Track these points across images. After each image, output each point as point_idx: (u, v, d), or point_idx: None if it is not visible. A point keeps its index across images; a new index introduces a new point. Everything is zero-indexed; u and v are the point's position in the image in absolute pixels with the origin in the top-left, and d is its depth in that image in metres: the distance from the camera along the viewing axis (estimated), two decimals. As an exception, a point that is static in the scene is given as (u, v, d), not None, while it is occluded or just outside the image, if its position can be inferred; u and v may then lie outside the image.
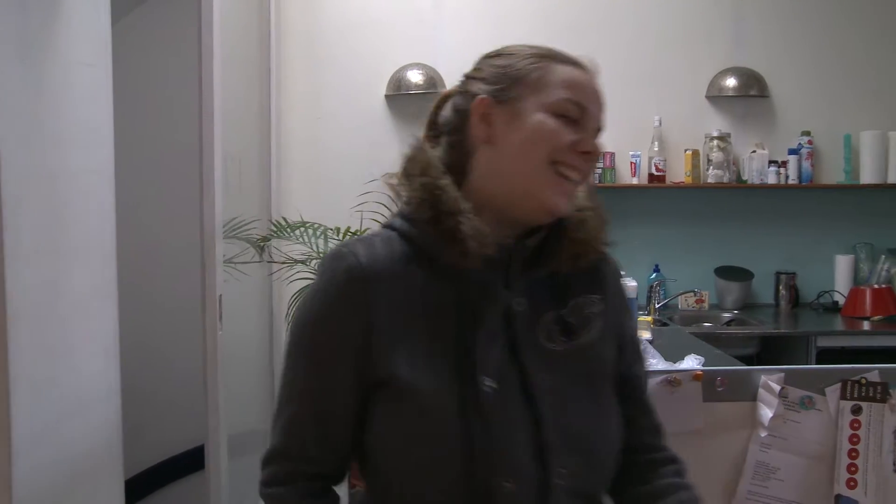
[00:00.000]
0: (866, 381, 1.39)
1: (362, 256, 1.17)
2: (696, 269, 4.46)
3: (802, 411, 1.39)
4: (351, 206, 3.73)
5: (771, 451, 1.39)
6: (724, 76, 4.43)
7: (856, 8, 4.50)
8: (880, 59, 4.51)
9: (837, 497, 1.41)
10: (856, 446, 1.40)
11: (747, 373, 1.39)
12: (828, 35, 4.50)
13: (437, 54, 4.38)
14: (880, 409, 1.40)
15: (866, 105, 4.51)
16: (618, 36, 4.45)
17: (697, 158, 4.38)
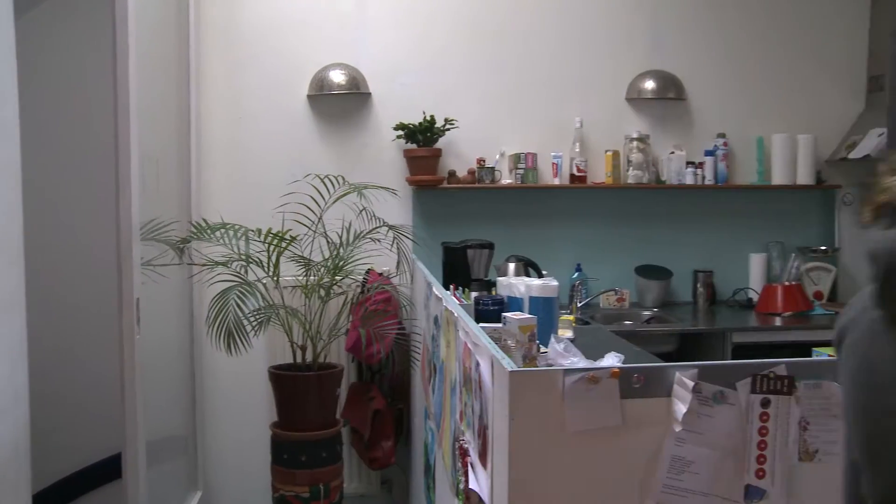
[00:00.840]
0: (774, 374, 1.44)
1: None
2: (616, 268, 4.54)
3: (715, 406, 1.43)
4: (273, 208, 3.69)
5: (685, 445, 1.42)
6: (642, 79, 4.52)
7: (768, 16, 4.65)
8: (790, 66, 4.66)
9: (747, 487, 1.45)
10: (764, 438, 1.44)
11: (662, 369, 1.42)
12: (742, 41, 4.64)
13: (360, 55, 4.37)
14: (787, 401, 1.45)
15: (777, 109, 4.66)
16: (540, 39, 4.50)
17: (618, 159, 4.46)
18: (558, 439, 1.39)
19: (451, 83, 4.45)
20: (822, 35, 4.67)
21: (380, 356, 3.73)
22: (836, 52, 4.68)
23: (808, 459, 1.48)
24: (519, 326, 2.13)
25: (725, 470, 1.45)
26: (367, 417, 4.00)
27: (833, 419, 1.48)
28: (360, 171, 4.24)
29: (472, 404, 1.79)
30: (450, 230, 4.23)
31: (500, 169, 4.42)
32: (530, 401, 1.37)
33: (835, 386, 1.48)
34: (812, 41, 4.67)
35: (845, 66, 4.69)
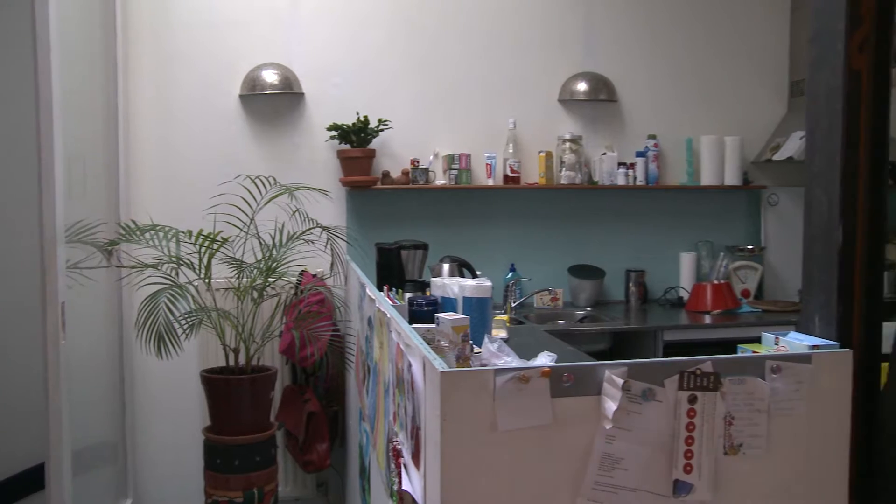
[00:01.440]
0: (700, 371, 1.46)
1: None
2: (550, 268, 4.58)
3: (644, 403, 1.45)
4: (204, 209, 3.64)
5: (615, 443, 1.44)
6: (575, 81, 4.57)
7: (697, 22, 4.75)
8: (718, 70, 4.77)
9: (675, 481, 1.48)
10: (691, 433, 1.47)
11: (592, 368, 1.44)
12: (672, 45, 4.73)
13: (293, 54, 4.33)
14: (713, 397, 1.48)
15: (705, 111, 4.76)
16: (475, 40, 4.52)
17: (551, 160, 4.50)
18: (490, 439, 1.39)
19: (385, 84, 4.44)
20: (748, 40, 4.79)
21: (314, 358, 3.69)
22: (761, 57, 4.81)
23: (732, 453, 1.51)
24: (452, 327, 2.13)
25: (654, 465, 1.47)
26: (302, 420, 3.96)
27: (757, 413, 1.51)
28: (294, 172, 4.20)
29: (405, 405, 1.79)
30: (384, 231, 4.21)
31: (433, 170, 4.43)
32: (462, 401, 1.38)
33: (758, 381, 1.51)
34: (738, 46, 4.78)
35: (769, 71, 4.82)
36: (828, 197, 1.64)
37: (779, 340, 1.68)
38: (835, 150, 1.61)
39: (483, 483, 1.41)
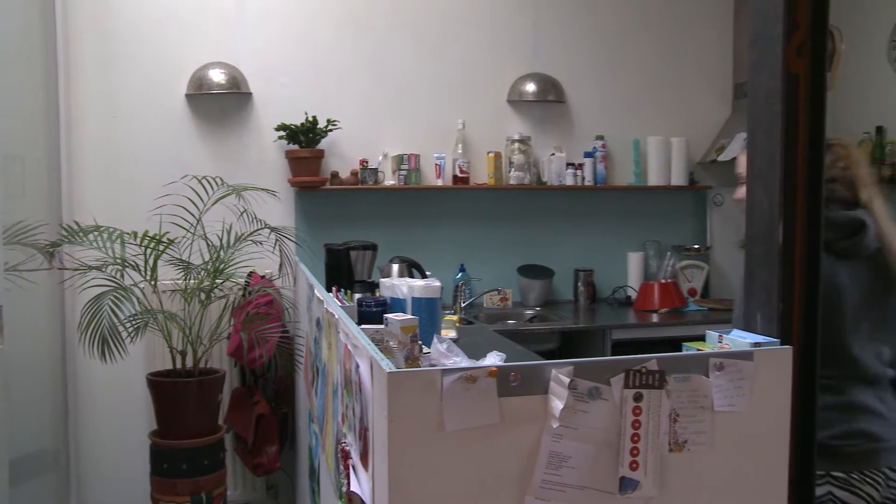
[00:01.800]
0: (646, 369, 1.48)
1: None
2: (499, 268, 4.61)
3: (591, 401, 1.46)
4: (150, 210, 3.58)
5: (563, 441, 1.44)
6: (523, 81, 4.60)
7: (644, 25, 4.82)
8: (664, 72, 4.84)
9: (622, 479, 1.49)
10: (637, 431, 1.49)
11: (539, 367, 1.44)
12: (619, 47, 4.79)
13: (241, 54, 4.29)
14: (658, 395, 1.49)
15: (652, 113, 4.83)
16: (424, 40, 4.52)
17: (500, 160, 4.52)
18: (438, 439, 1.39)
19: (333, 84, 4.42)
20: (693, 44, 4.87)
21: (262, 360, 3.66)
22: (706, 59, 4.89)
23: (677, 450, 1.53)
24: (401, 327, 2.13)
25: (601, 463, 1.48)
26: (251, 423, 3.92)
27: (701, 410, 1.54)
28: (241, 172, 4.16)
29: (353, 406, 1.78)
30: (333, 232, 4.19)
31: (383, 170, 4.42)
32: (409, 401, 1.37)
33: (703, 378, 1.53)
34: (684, 49, 4.86)
35: (713, 74, 4.91)
36: (768, 197, 1.67)
37: (722, 338, 1.70)
38: (774, 152, 1.64)
39: (431, 483, 1.41)
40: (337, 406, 2.12)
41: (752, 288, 1.75)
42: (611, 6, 4.77)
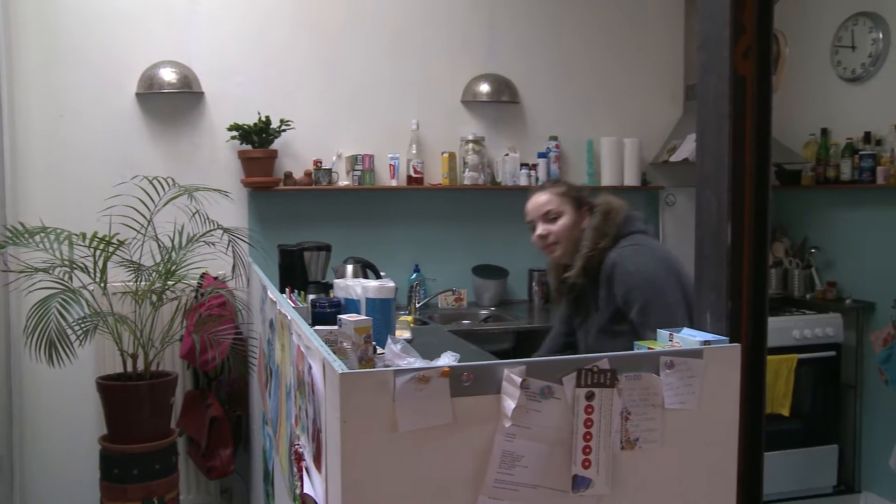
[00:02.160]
0: (598, 368, 1.49)
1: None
2: (454, 268, 4.61)
3: (543, 401, 1.47)
4: (99, 211, 3.52)
5: (515, 441, 1.45)
6: (477, 82, 4.61)
7: (598, 26, 4.86)
8: (617, 74, 4.89)
9: (574, 477, 1.50)
10: (590, 429, 1.50)
11: (491, 367, 1.45)
12: (573, 49, 4.82)
13: (192, 53, 4.23)
14: (610, 393, 1.51)
15: (605, 113, 4.87)
16: (378, 41, 4.51)
17: (454, 161, 4.53)
18: (391, 440, 1.39)
19: (287, 84, 4.38)
20: (645, 46, 4.93)
21: (215, 362, 3.63)
22: (658, 61, 4.95)
23: (629, 448, 1.55)
24: (354, 328, 2.12)
25: (554, 462, 1.49)
26: (204, 425, 3.88)
27: (652, 408, 1.56)
28: (193, 173, 4.11)
29: (306, 408, 1.77)
30: (287, 232, 4.16)
31: (337, 170, 4.40)
32: (361, 402, 1.37)
33: (653, 377, 1.55)
34: (636, 51, 4.91)
35: (665, 75, 4.97)
36: (717, 197, 1.70)
37: (673, 336, 1.72)
38: (723, 152, 1.67)
39: (384, 484, 1.40)
40: (290, 408, 2.11)
41: (702, 287, 1.78)
42: (564, 8, 4.80)
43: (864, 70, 4.49)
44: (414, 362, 2.00)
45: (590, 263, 2.57)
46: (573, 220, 2.66)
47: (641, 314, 2.47)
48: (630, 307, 2.50)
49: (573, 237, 2.63)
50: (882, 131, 4.40)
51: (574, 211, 2.67)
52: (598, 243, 2.58)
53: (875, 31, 4.43)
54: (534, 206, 2.70)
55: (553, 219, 2.65)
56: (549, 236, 2.66)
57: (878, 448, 4.48)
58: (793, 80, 4.90)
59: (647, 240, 2.65)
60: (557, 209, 2.66)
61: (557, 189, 2.71)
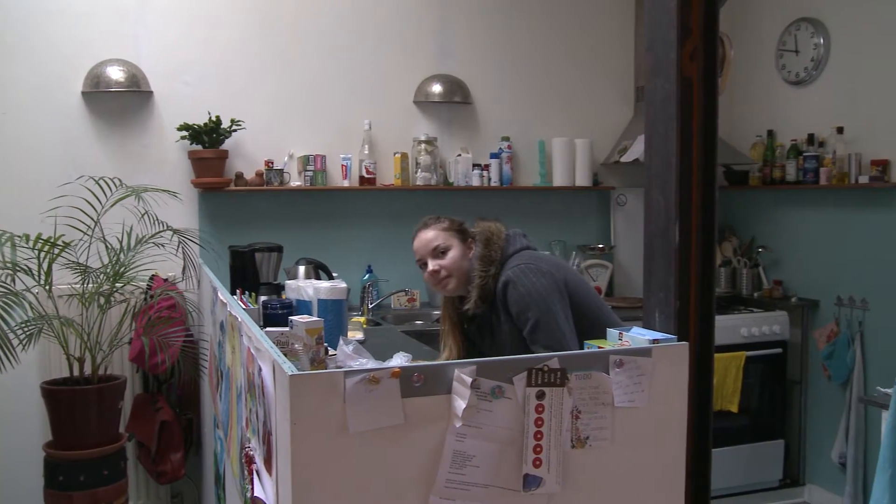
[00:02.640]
0: (548, 368, 1.50)
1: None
2: (407, 268, 4.55)
3: (494, 400, 1.47)
4: (43, 212, 3.45)
5: (466, 440, 1.46)
6: (430, 83, 4.62)
7: (550, 28, 4.89)
8: (569, 75, 4.93)
9: (525, 476, 1.51)
10: (540, 428, 1.51)
11: (442, 367, 1.45)
12: (525, 50, 4.85)
13: (141, 51, 4.17)
14: (560, 392, 1.52)
15: (557, 114, 4.91)
16: (330, 41, 4.49)
17: (406, 161, 4.52)
18: (341, 441, 1.38)
19: (238, 83, 4.34)
20: (597, 48, 4.97)
21: (165, 365, 3.57)
22: (609, 63, 5.00)
23: (580, 446, 1.56)
24: (306, 329, 2.11)
25: (505, 461, 1.50)
26: (154, 429, 3.82)
27: (602, 407, 1.57)
28: (142, 173, 4.06)
29: (257, 410, 1.75)
30: (238, 233, 4.13)
31: (288, 171, 4.37)
32: (311, 404, 1.36)
33: (603, 375, 1.57)
34: (588, 53, 4.96)
35: (616, 77, 5.02)
36: (664, 197, 1.72)
37: (622, 335, 1.74)
38: (670, 153, 1.69)
39: (335, 486, 1.40)
40: (241, 410, 2.09)
41: (651, 286, 1.80)
42: (517, 10, 4.83)
43: (807, 74, 4.59)
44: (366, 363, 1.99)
45: (484, 291, 2.63)
46: (461, 251, 2.71)
47: (532, 332, 2.55)
48: (523, 325, 2.58)
49: (463, 269, 2.69)
50: (824, 133, 4.50)
51: (460, 243, 2.73)
52: (488, 270, 2.64)
53: (816, 36, 4.53)
54: (421, 244, 2.75)
55: (442, 252, 2.70)
56: (441, 271, 2.70)
57: (821, 442, 4.58)
58: (740, 82, 4.99)
59: (533, 256, 2.71)
60: (445, 243, 2.71)
61: (440, 225, 2.76)
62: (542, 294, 2.57)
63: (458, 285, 2.70)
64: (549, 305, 2.57)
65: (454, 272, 2.70)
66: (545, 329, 2.54)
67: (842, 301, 4.43)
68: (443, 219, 2.79)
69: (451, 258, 2.70)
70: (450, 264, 2.69)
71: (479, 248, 2.69)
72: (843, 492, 4.34)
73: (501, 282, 2.62)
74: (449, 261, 2.69)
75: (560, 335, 2.54)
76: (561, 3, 4.91)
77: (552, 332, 2.54)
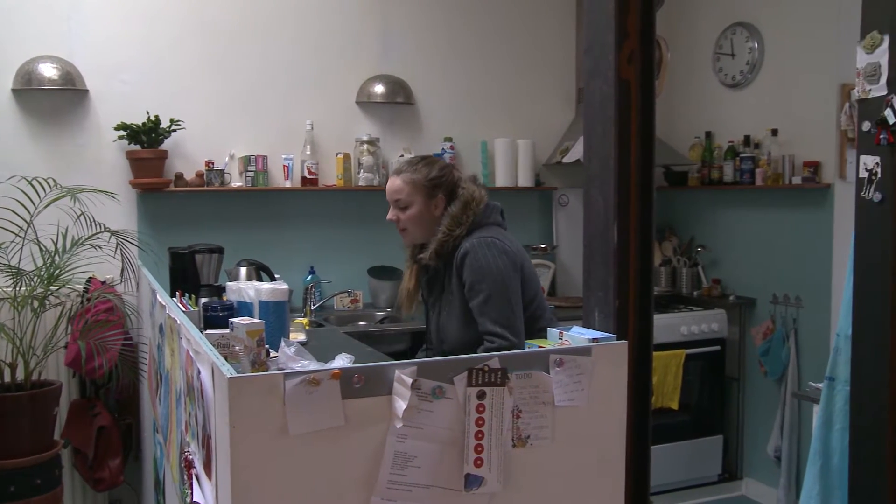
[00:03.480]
0: (488, 367, 1.51)
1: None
2: (350, 269, 4.59)
3: (434, 401, 1.48)
4: (-27, 213, 3.36)
5: (407, 441, 1.45)
6: (372, 83, 4.60)
7: (492, 29, 4.91)
8: (511, 76, 4.96)
9: (467, 476, 1.52)
10: (481, 428, 1.51)
11: (382, 368, 1.45)
12: (467, 51, 4.86)
13: (75, 48, 4.08)
14: (501, 392, 1.53)
15: (499, 115, 4.93)
16: (272, 40, 4.44)
17: (349, 162, 4.50)
18: (281, 444, 1.37)
19: (177, 82, 4.27)
20: (539, 49, 5.01)
21: (103, 370, 3.50)
22: (551, 64, 5.04)
23: (521, 445, 1.57)
24: (247, 332, 2.08)
25: (446, 461, 1.50)
26: (91, 435, 3.74)
27: (542, 406, 1.58)
28: (78, 174, 3.97)
29: (196, 414, 1.73)
30: (178, 235, 4.06)
31: (229, 171, 4.32)
32: (251, 406, 1.35)
33: (543, 375, 1.58)
34: (530, 54, 4.99)
35: (558, 78, 5.06)
36: (603, 198, 1.74)
37: (563, 335, 1.76)
38: (609, 154, 1.72)
39: (275, 489, 1.39)
40: (180, 414, 2.06)
41: (591, 286, 1.83)
42: (459, 11, 4.84)
43: (743, 77, 4.69)
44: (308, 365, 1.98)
45: (442, 249, 2.67)
46: (421, 209, 2.73)
47: (483, 304, 2.58)
48: (473, 297, 2.61)
49: (423, 225, 2.73)
50: (760, 135, 4.60)
51: (424, 200, 2.73)
52: (453, 231, 2.67)
53: (751, 40, 4.63)
54: (388, 190, 2.80)
55: (403, 208, 2.73)
56: (399, 223, 2.76)
57: (757, 436, 4.68)
58: (680, 85, 5.08)
59: (501, 233, 2.75)
60: (407, 199, 2.73)
61: (411, 176, 2.75)
62: (501, 270, 2.60)
63: (414, 240, 2.77)
64: (505, 283, 2.60)
65: (410, 228, 2.74)
66: (497, 304, 2.58)
67: (777, 299, 4.54)
68: (419, 168, 2.77)
69: (408, 215, 2.73)
70: (406, 220, 2.74)
71: (455, 206, 2.70)
72: (777, 484, 4.45)
73: (463, 248, 2.64)
74: (406, 217, 2.74)
75: (510, 313, 2.58)
76: (504, 5, 4.94)
77: (502, 308, 2.58)
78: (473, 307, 2.61)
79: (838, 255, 4.15)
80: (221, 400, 1.39)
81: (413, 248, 2.86)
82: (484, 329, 2.59)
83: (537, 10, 5.01)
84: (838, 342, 2.50)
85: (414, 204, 2.72)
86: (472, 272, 2.60)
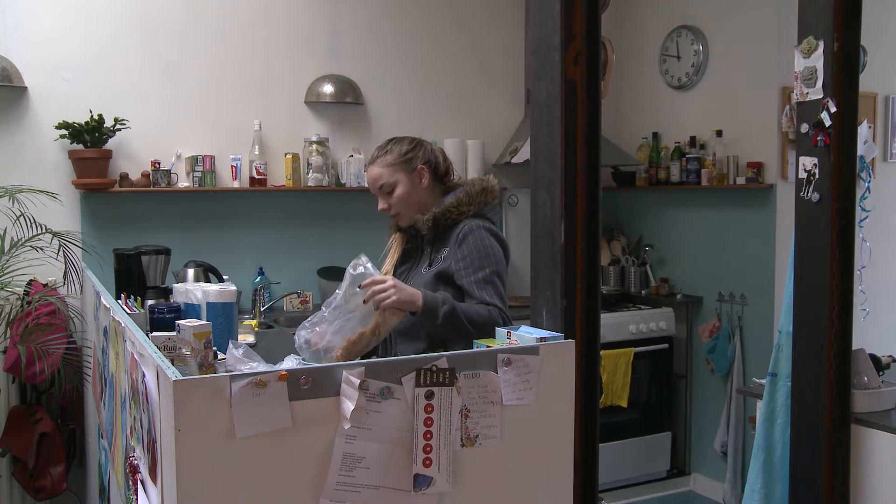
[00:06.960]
0: (437, 368, 1.51)
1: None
2: (299, 270, 4.55)
3: (383, 401, 1.47)
4: None
5: (356, 442, 1.45)
6: (321, 83, 4.58)
7: (442, 30, 4.92)
8: (461, 76, 4.97)
9: (416, 476, 1.52)
10: (430, 428, 1.52)
11: (330, 369, 1.44)
12: (416, 52, 4.86)
13: (11, 43, 3.98)
14: (449, 392, 1.53)
15: (449, 115, 4.94)
16: (220, 39, 4.39)
17: (297, 162, 4.47)
18: (228, 446, 1.36)
19: (122, 80, 4.20)
20: (488, 50, 5.03)
21: (45, 374, 3.43)
22: (500, 65, 5.07)
23: (469, 445, 1.57)
24: (193, 334, 2.06)
25: (395, 462, 1.50)
26: (32, 443, 3.66)
27: (491, 405, 1.59)
28: (17, 173, 3.88)
29: (141, 418, 1.70)
30: (124, 236, 3.99)
31: (176, 172, 4.26)
32: (197, 409, 1.33)
33: (491, 374, 1.59)
34: (479, 55, 5.01)
35: (507, 79, 5.09)
36: (550, 198, 1.76)
37: (511, 334, 1.77)
38: (555, 154, 1.73)
39: (222, 492, 1.37)
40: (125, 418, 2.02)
41: (538, 285, 1.84)
42: (408, 11, 4.84)
43: (688, 79, 4.77)
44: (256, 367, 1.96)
45: (442, 218, 2.62)
46: (407, 186, 2.66)
47: (485, 282, 2.56)
48: (472, 272, 2.56)
49: (414, 201, 2.66)
50: (705, 136, 4.68)
51: (407, 175, 2.66)
52: (461, 206, 2.63)
53: (696, 43, 4.71)
54: (369, 182, 2.73)
55: (389, 192, 2.67)
56: (391, 208, 2.70)
57: (705, 432, 4.76)
58: (627, 86, 5.14)
59: (495, 229, 2.74)
60: (389, 181, 2.65)
61: (385, 158, 2.69)
62: (500, 259, 2.62)
63: (410, 217, 2.68)
64: (503, 270, 2.63)
65: (402, 208, 2.67)
66: (497, 283, 2.58)
67: (723, 297, 4.62)
68: (390, 148, 2.70)
69: (397, 196, 2.66)
70: (396, 202, 2.66)
71: (474, 187, 2.67)
72: (724, 478, 4.53)
73: (467, 225, 2.59)
74: (395, 198, 2.66)
75: (505, 296, 2.60)
76: (454, 6, 4.95)
77: (501, 291, 2.59)
78: (471, 281, 2.56)
79: (781, 254, 4.24)
80: (166, 403, 1.37)
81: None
82: (483, 300, 2.54)
83: (487, 11, 5.03)
84: (780, 339, 2.56)
85: (399, 183, 2.64)
86: (478, 249, 2.58)
